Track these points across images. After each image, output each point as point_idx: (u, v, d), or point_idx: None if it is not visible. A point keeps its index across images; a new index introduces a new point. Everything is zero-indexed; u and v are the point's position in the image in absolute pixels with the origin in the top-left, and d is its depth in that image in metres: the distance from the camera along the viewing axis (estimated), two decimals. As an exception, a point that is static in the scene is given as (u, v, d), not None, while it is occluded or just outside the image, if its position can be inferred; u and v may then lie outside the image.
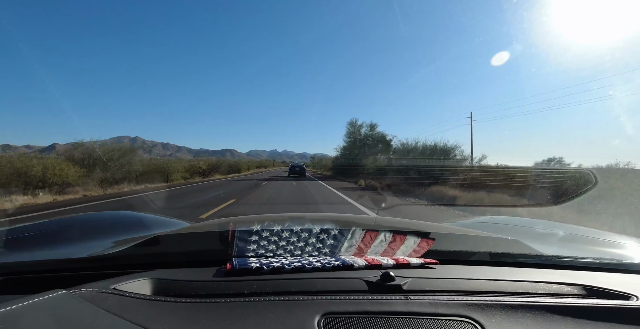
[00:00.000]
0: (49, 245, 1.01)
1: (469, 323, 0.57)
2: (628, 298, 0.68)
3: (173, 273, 0.73)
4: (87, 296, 0.58)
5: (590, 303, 0.64)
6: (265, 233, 0.86)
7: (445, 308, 0.60)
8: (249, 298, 0.61)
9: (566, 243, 1.21)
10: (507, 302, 0.63)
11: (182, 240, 1.01)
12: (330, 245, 0.87)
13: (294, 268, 0.73)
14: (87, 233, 1.18)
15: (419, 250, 0.87)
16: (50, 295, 0.56)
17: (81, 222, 1.40)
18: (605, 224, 5.30)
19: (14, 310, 0.51)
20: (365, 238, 0.89)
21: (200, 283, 0.68)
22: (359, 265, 0.76)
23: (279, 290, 0.65)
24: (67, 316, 0.51)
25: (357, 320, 0.56)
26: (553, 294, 0.70)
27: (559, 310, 0.61)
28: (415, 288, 0.68)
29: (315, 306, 0.59)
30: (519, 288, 0.71)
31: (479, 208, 7.70)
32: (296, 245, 0.86)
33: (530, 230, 1.44)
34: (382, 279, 0.67)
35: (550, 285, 0.72)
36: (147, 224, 1.37)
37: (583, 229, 1.43)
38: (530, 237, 1.20)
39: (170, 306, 0.58)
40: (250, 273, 0.71)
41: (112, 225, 1.38)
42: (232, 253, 0.80)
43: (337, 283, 0.69)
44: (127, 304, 0.57)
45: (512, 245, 0.98)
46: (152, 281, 0.68)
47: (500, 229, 1.44)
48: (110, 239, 1.03)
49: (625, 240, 1.15)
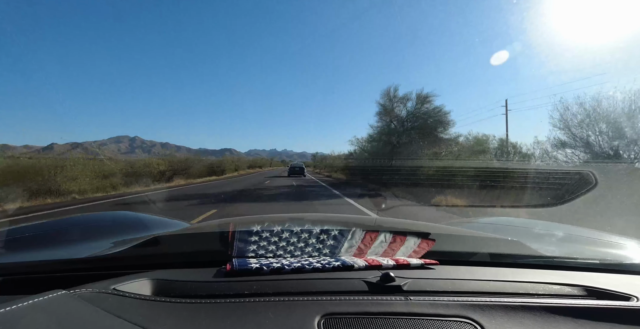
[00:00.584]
0: (48, 246, 1.00)
1: (469, 324, 0.57)
2: (628, 298, 0.68)
3: (173, 274, 0.73)
4: (87, 297, 0.58)
5: (591, 304, 0.64)
6: (265, 234, 0.85)
7: (445, 308, 0.60)
8: (249, 298, 0.61)
9: (566, 243, 1.21)
10: (508, 303, 0.63)
11: (182, 240, 1.01)
12: (330, 246, 0.87)
13: (294, 269, 0.73)
14: (87, 234, 1.18)
15: (419, 250, 0.87)
16: (50, 295, 0.56)
17: (81, 222, 1.40)
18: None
19: (14, 310, 0.51)
20: (366, 239, 0.89)
21: (200, 284, 0.68)
22: (359, 265, 0.76)
23: (279, 291, 0.65)
24: (67, 317, 0.51)
25: (357, 321, 0.56)
26: (553, 295, 0.70)
27: (559, 311, 0.61)
28: (416, 288, 0.67)
29: (315, 307, 0.59)
30: (519, 288, 0.71)
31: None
32: (296, 246, 0.86)
33: (530, 230, 1.44)
34: (382, 279, 0.67)
35: (550, 286, 0.72)
36: (147, 224, 1.37)
37: (583, 230, 1.43)
38: (530, 238, 1.20)
39: (170, 306, 0.58)
40: (250, 273, 0.71)
41: (112, 225, 1.38)
42: (232, 254, 0.80)
43: (337, 283, 0.68)
44: (127, 305, 0.57)
45: (512, 246, 0.98)
46: (152, 281, 0.68)
47: (500, 230, 1.44)
48: (110, 239, 1.03)
49: (626, 241, 1.15)
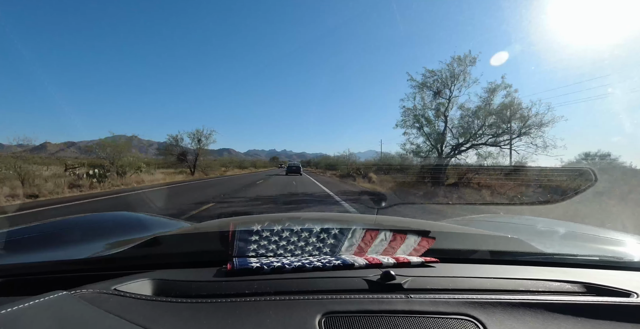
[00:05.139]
0: (49, 246, 1.00)
1: (470, 321, 0.57)
2: (628, 295, 0.68)
3: (174, 274, 0.73)
4: (88, 297, 0.58)
5: (591, 301, 0.64)
6: (265, 233, 0.85)
7: (446, 306, 0.60)
8: (249, 297, 0.61)
9: (566, 240, 1.21)
10: (508, 300, 0.63)
11: (182, 240, 1.01)
12: (330, 244, 0.87)
13: (294, 268, 0.73)
14: (87, 234, 1.18)
15: (420, 248, 0.87)
16: (51, 296, 0.56)
17: (81, 223, 1.40)
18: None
19: (15, 311, 0.51)
20: (366, 237, 0.89)
21: (201, 283, 0.68)
22: (360, 264, 0.76)
23: (279, 290, 0.65)
24: (68, 317, 0.51)
25: (358, 319, 0.56)
26: (553, 292, 0.70)
27: (559, 308, 0.61)
28: (416, 286, 0.68)
29: (316, 306, 0.59)
30: (520, 285, 0.71)
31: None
32: (297, 245, 0.85)
33: (530, 227, 1.44)
34: (383, 278, 0.67)
35: (550, 283, 0.72)
36: (148, 224, 1.37)
37: (583, 226, 1.43)
38: (530, 235, 1.20)
39: (171, 306, 0.58)
40: (251, 272, 0.71)
41: (112, 225, 1.38)
42: (233, 253, 0.80)
43: (338, 282, 0.69)
44: (128, 305, 0.57)
45: (512, 243, 0.98)
46: (153, 281, 0.68)
47: (500, 227, 1.44)
48: (111, 240, 1.03)
49: (626, 237, 1.15)
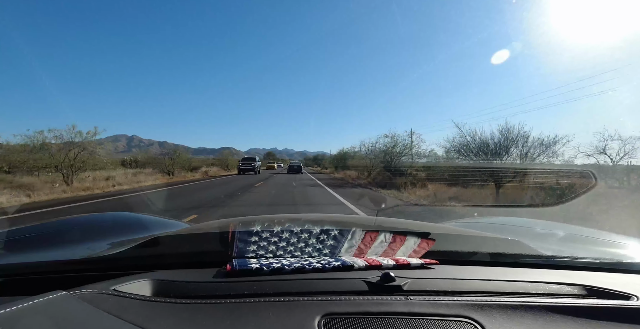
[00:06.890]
0: (48, 246, 1.00)
1: (469, 324, 0.57)
2: (628, 298, 0.68)
3: (173, 274, 0.73)
4: (87, 298, 0.58)
5: (591, 303, 0.64)
6: (265, 234, 0.85)
7: (445, 308, 0.60)
8: (249, 298, 0.61)
9: (566, 243, 1.21)
10: (508, 302, 0.63)
11: (182, 240, 1.01)
12: (330, 246, 0.86)
13: (294, 269, 0.73)
14: (86, 234, 1.18)
15: (419, 250, 0.87)
16: (50, 296, 0.56)
17: (81, 223, 1.40)
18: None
19: (14, 311, 0.51)
20: (366, 239, 0.89)
21: (200, 284, 0.68)
22: (359, 265, 0.76)
23: (279, 291, 0.65)
24: (67, 318, 0.51)
25: (358, 321, 0.56)
26: (553, 295, 0.70)
27: (559, 310, 0.61)
28: (416, 288, 0.67)
29: (315, 307, 0.59)
30: (520, 288, 0.71)
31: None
32: (296, 246, 0.85)
33: (530, 230, 1.44)
34: (383, 279, 0.67)
35: (550, 285, 0.72)
36: (147, 225, 1.37)
37: (583, 229, 1.43)
38: (530, 237, 1.20)
39: (170, 307, 0.58)
40: (250, 273, 0.71)
41: (112, 226, 1.38)
42: (232, 254, 0.80)
43: (337, 283, 0.68)
44: (127, 306, 0.57)
45: (512, 245, 0.98)
46: (152, 282, 0.68)
47: (500, 229, 1.44)
48: (110, 240, 1.03)
49: (626, 240, 1.15)
